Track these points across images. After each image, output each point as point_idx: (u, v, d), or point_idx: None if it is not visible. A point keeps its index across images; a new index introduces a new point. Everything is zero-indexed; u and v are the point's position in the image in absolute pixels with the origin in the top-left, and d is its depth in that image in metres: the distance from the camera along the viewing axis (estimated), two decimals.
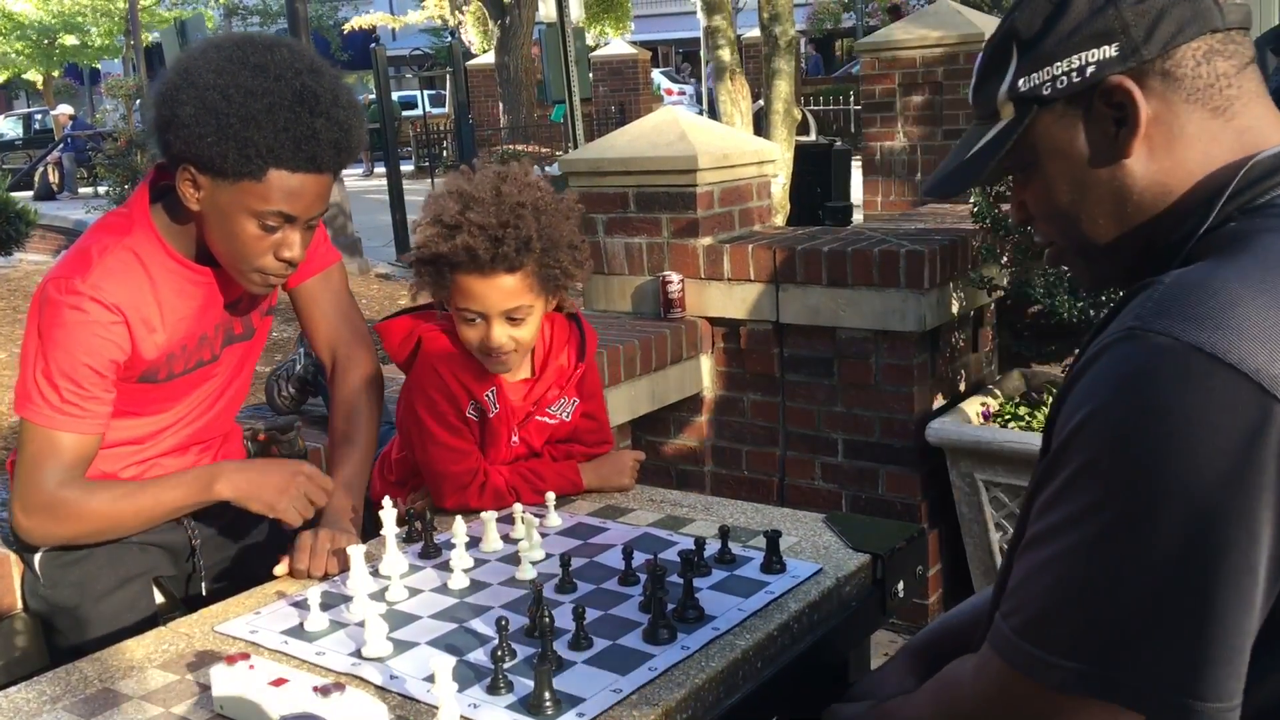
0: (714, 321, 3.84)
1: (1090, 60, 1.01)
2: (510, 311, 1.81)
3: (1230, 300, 0.89)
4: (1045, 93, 1.04)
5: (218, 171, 1.63)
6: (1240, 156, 1.01)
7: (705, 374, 3.89)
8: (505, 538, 1.75)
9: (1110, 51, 1.00)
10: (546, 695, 1.26)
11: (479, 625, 1.49)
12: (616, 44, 21.99)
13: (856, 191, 7.51)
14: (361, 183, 18.07)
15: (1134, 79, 1.01)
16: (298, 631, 1.50)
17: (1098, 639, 0.90)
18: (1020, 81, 1.05)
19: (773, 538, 1.62)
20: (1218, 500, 0.86)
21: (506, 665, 1.33)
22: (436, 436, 1.89)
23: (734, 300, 3.74)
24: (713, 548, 1.65)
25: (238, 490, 1.72)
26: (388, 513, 1.69)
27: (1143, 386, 0.88)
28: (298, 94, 1.62)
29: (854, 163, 8.35)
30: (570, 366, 1.99)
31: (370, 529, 1.87)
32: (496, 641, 1.35)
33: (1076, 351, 0.99)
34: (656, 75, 25.45)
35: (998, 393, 3.77)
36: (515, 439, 1.96)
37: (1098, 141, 1.04)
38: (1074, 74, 1.02)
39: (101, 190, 13.71)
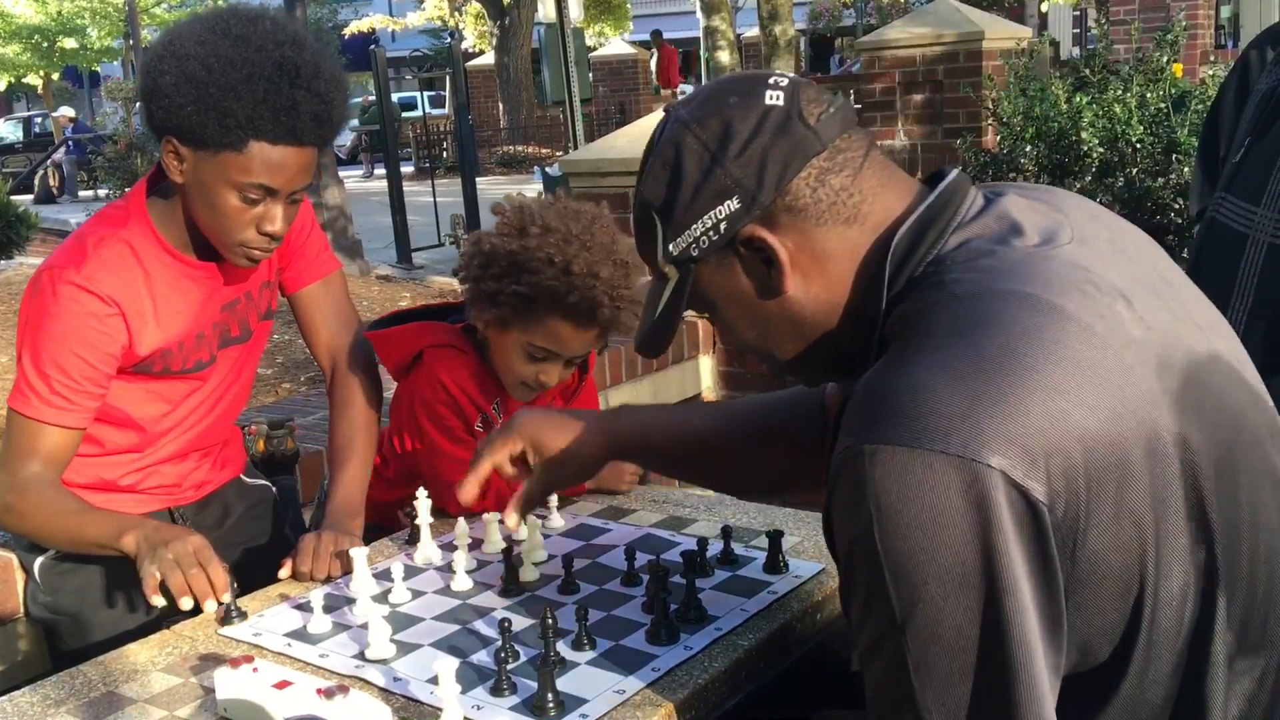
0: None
1: (720, 217, 1.07)
2: (580, 357, 1.87)
3: (917, 392, 0.94)
4: (694, 254, 1.11)
5: (199, 142, 1.62)
6: (883, 243, 1.07)
7: (706, 374, 3.89)
8: (507, 539, 1.75)
9: (733, 205, 1.07)
10: (550, 696, 1.26)
11: (482, 627, 1.49)
12: (616, 44, 22.00)
13: None
14: (362, 185, 18.07)
15: (763, 224, 1.07)
16: (301, 634, 1.51)
17: None
18: (670, 246, 1.12)
19: (775, 538, 1.62)
20: (978, 581, 0.91)
21: (510, 667, 1.33)
22: (443, 450, 1.89)
23: None
24: (715, 548, 1.65)
25: (136, 545, 1.61)
26: (422, 504, 1.71)
27: (879, 500, 0.93)
28: (278, 65, 1.60)
29: None
30: (573, 381, 1.99)
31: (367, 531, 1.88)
32: (500, 643, 1.35)
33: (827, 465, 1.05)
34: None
35: None
36: None
37: (756, 282, 1.11)
38: (710, 233, 1.08)
39: (102, 193, 13.74)
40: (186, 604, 1.52)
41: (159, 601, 1.53)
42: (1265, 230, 1.73)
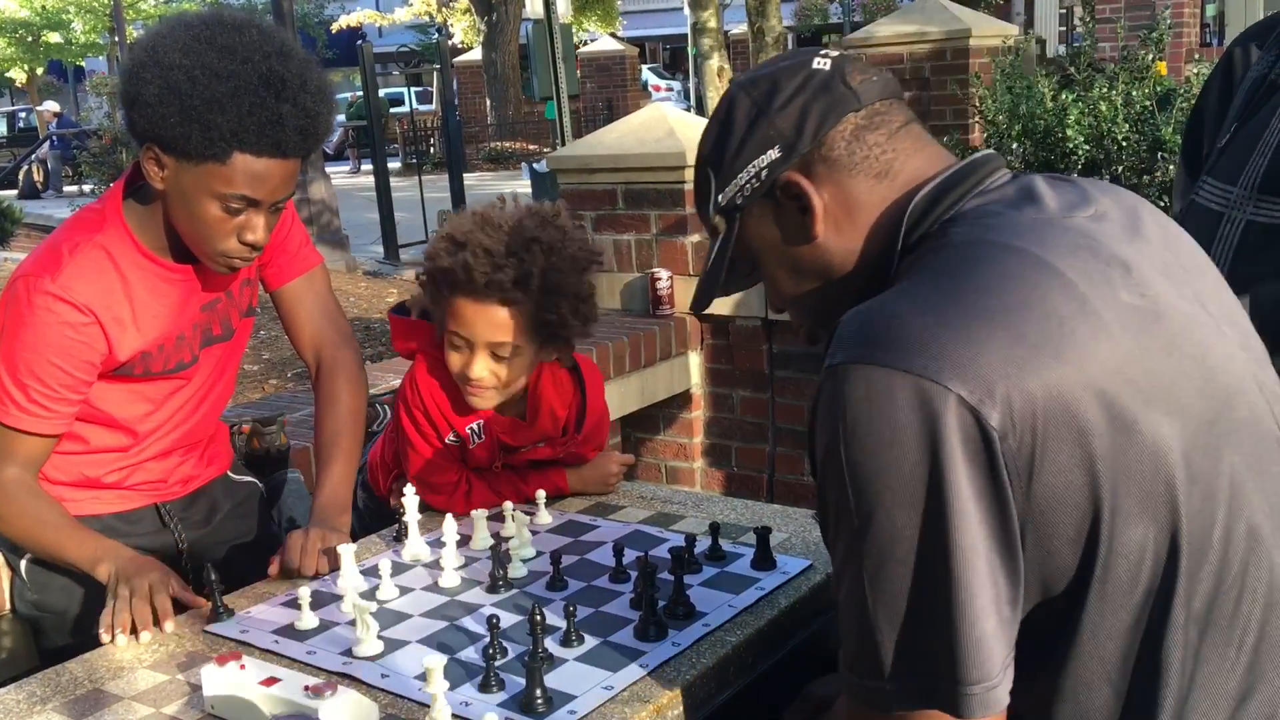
0: (703, 318, 3.84)
1: (762, 165, 1.16)
2: (496, 346, 1.77)
3: (891, 318, 1.01)
4: (739, 201, 1.19)
5: (181, 153, 1.60)
6: (905, 201, 1.14)
7: (694, 371, 3.89)
8: (496, 535, 1.75)
9: (775, 153, 1.15)
10: (538, 693, 1.26)
11: (470, 623, 1.49)
12: (604, 40, 21.97)
13: None
14: (349, 180, 18.02)
15: (801, 172, 1.15)
16: (288, 631, 1.50)
17: (894, 655, 0.99)
18: (719, 197, 1.20)
19: (763, 534, 1.62)
20: (925, 495, 0.96)
21: (498, 663, 1.33)
22: (418, 449, 1.89)
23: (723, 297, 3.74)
24: (703, 544, 1.66)
25: (108, 578, 1.64)
26: (410, 500, 1.71)
27: (847, 415, 0.98)
28: (264, 78, 1.59)
29: None
30: (568, 432, 1.95)
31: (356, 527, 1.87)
32: (488, 639, 1.35)
33: None
34: (644, 71, 25.42)
35: None
36: (498, 465, 1.94)
37: (791, 230, 1.18)
38: (754, 180, 1.17)
39: (86, 188, 13.65)
40: (144, 637, 1.52)
41: (105, 638, 1.53)
42: (1242, 208, 1.76)
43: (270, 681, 1.28)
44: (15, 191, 17.24)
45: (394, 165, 15.30)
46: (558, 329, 1.81)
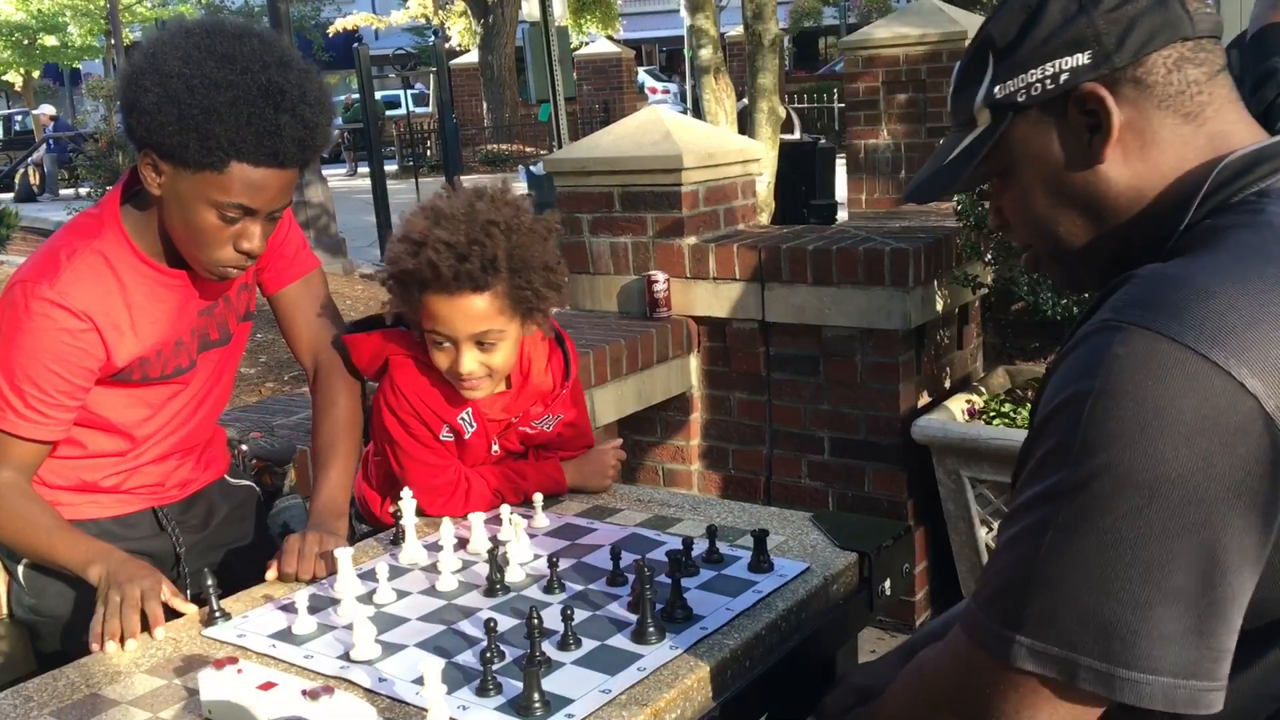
0: (700, 321, 3.84)
1: (1064, 67, 1.04)
2: (480, 336, 1.76)
3: (1201, 293, 0.91)
4: (1020, 99, 1.06)
5: (178, 160, 1.60)
6: (1212, 159, 1.03)
7: (691, 373, 3.89)
8: (493, 539, 1.75)
9: (1083, 59, 1.03)
10: (535, 696, 1.26)
11: (467, 627, 1.49)
12: (601, 42, 22.00)
13: (841, 190, 7.53)
14: (346, 183, 18.02)
15: (1107, 86, 1.03)
16: (286, 635, 1.50)
17: (1048, 615, 0.92)
18: (996, 89, 1.08)
19: (760, 537, 1.62)
20: (1179, 489, 0.87)
21: (495, 667, 1.33)
22: (412, 454, 1.88)
23: (720, 299, 3.74)
24: (700, 547, 1.66)
25: (99, 580, 1.63)
26: (407, 504, 1.71)
27: (1114, 374, 0.90)
28: (263, 88, 1.59)
29: (838, 161, 8.37)
30: (555, 386, 1.96)
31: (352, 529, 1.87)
32: (485, 643, 1.35)
33: (1062, 343, 1.02)
34: (641, 73, 25.44)
35: (982, 390, 3.79)
36: (495, 448, 1.94)
37: (1072, 147, 1.06)
38: (1048, 81, 1.05)
39: (83, 191, 13.67)
40: (131, 645, 1.51)
41: (95, 647, 1.52)
42: None
43: (268, 685, 1.28)
44: (11, 195, 17.25)
45: (390, 168, 15.32)
46: (534, 303, 1.79)
